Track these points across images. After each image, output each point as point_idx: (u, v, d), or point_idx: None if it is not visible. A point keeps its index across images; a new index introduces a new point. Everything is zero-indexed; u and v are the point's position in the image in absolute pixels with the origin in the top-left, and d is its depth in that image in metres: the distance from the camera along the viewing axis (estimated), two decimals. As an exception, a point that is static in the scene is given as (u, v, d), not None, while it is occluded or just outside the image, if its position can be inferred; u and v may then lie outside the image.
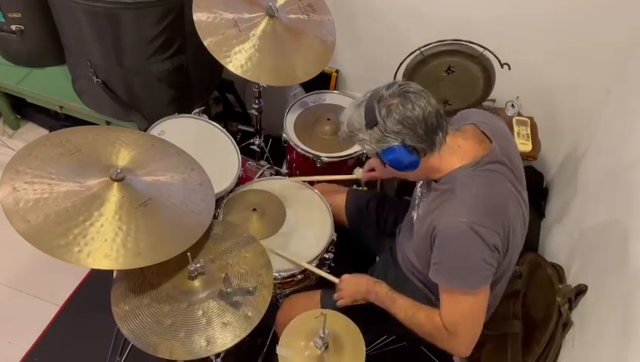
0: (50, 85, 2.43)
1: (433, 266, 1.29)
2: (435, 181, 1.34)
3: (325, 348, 1.31)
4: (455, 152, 1.29)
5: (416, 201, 1.46)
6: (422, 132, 1.22)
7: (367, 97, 1.27)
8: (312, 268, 1.63)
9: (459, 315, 1.29)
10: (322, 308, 1.55)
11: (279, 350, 1.33)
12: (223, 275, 1.42)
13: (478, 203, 1.24)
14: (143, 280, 1.41)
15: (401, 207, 1.74)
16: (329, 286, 1.62)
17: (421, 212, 1.39)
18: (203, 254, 1.46)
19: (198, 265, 1.39)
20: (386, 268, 1.61)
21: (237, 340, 1.31)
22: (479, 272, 1.24)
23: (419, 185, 1.49)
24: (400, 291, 1.43)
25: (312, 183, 1.90)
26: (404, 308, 1.38)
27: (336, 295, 1.51)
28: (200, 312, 1.35)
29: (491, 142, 1.32)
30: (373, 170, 1.76)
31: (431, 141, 1.24)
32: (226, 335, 1.31)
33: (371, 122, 1.24)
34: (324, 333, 1.29)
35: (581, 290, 1.58)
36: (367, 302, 1.46)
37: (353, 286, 1.48)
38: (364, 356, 1.34)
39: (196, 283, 1.40)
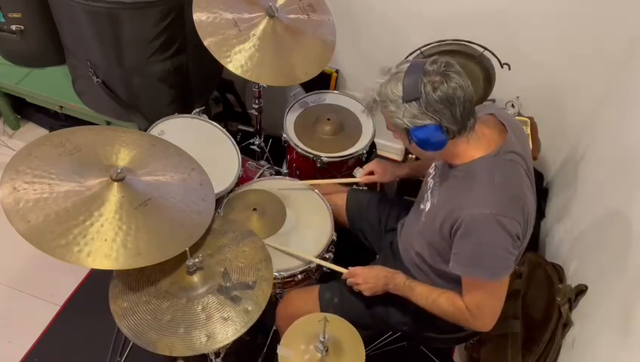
0: (50, 85, 2.43)
1: (454, 256, 1.30)
2: (452, 166, 1.34)
3: (325, 352, 1.32)
4: (481, 140, 1.30)
5: (428, 191, 1.46)
6: (459, 114, 1.21)
7: (404, 68, 1.23)
8: (320, 261, 1.65)
9: (482, 300, 1.32)
10: (320, 301, 1.57)
11: (280, 350, 1.33)
12: (222, 270, 1.42)
13: (501, 193, 1.24)
14: (141, 276, 1.41)
15: (402, 206, 1.74)
16: (326, 282, 1.64)
17: (436, 201, 1.39)
18: (201, 249, 1.46)
19: (197, 260, 1.39)
20: (386, 262, 1.61)
21: (237, 335, 1.31)
22: (503, 262, 1.25)
23: (430, 176, 1.49)
24: None
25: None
26: (424, 295, 1.41)
27: (349, 281, 1.52)
28: (199, 307, 1.35)
29: (507, 131, 1.33)
30: (372, 173, 1.76)
31: (464, 124, 1.24)
32: (226, 330, 1.31)
33: (411, 96, 1.19)
34: (324, 337, 1.30)
35: (581, 290, 1.58)
36: (385, 292, 1.48)
37: (373, 280, 1.49)
38: (364, 359, 1.34)
39: (195, 278, 1.39)
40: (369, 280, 1.49)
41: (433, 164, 1.50)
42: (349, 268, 1.55)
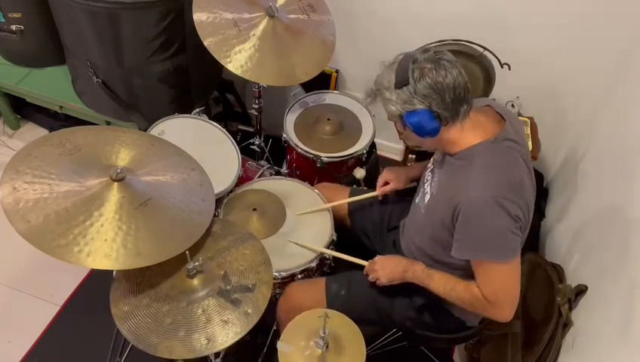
0: (50, 85, 2.43)
1: (457, 242, 1.31)
2: (451, 155, 1.35)
3: (325, 348, 1.32)
4: (477, 127, 1.31)
5: (426, 184, 1.46)
6: (449, 100, 1.24)
7: (399, 59, 1.29)
8: (337, 253, 1.65)
9: (495, 285, 1.31)
10: (327, 294, 1.56)
11: (280, 345, 1.33)
12: (222, 273, 1.42)
13: (500, 177, 1.26)
14: (142, 279, 1.41)
15: (403, 205, 1.74)
16: (333, 274, 1.64)
17: (435, 191, 1.40)
18: (201, 252, 1.46)
19: (197, 263, 1.39)
20: None
21: (237, 337, 1.31)
22: (507, 242, 1.25)
23: (428, 170, 1.50)
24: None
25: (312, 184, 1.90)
26: (442, 282, 1.40)
27: (370, 276, 1.52)
28: (200, 310, 1.35)
29: (504, 121, 1.35)
30: (386, 183, 1.73)
31: (456, 111, 1.26)
32: (226, 332, 1.31)
33: (402, 82, 1.25)
34: (324, 333, 1.30)
35: (581, 290, 1.58)
36: (403, 281, 1.48)
37: (391, 266, 1.49)
38: (365, 356, 1.34)
39: (195, 281, 1.39)
40: (386, 267, 1.49)
41: (431, 159, 1.51)
42: (369, 261, 1.55)
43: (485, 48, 1.90)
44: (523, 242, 1.36)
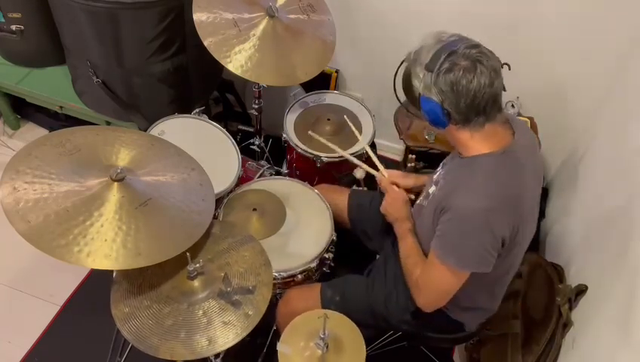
0: (50, 85, 2.42)
1: (435, 236, 1.32)
2: (460, 156, 1.35)
3: (326, 349, 1.32)
4: (490, 138, 1.28)
5: (432, 184, 1.47)
6: (463, 105, 1.22)
7: (448, 41, 1.24)
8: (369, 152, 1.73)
9: (432, 280, 1.34)
10: (322, 299, 1.57)
11: (280, 347, 1.33)
12: (223, 274, 1.42)
13: (498, 192, 1.25)
14: (143, 281, 1.41)
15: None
16: (328, 280, 1.64)
17: (437, 190, 1.40)
18: (202, 254, 1.46)
19: (198, 265, 1.39)
20: (386, 261, 1.62)
21: (238, 339, 1.31)
22: (476, 257, 1.26)
23: (435, 174, 1.50)
24: (401, 281, 1.49)
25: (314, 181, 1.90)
26: (407, 248, 1.46)
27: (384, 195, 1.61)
28: (200, 312, 1.35)
29: (514, 134, 1.33)
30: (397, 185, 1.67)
31: (467, 118, 1.24)
32: (227, 334, 1.31)
33: (430, 66, 1.23)
34: (324, 334, 1.30)
35: (581, 290, 1.58)
36: (389, 221, 1.57)
37: (394, 207, 1.56)
38: (365, 356, 1.34)
39: (196, 283, 1.40)
40: (393, 205, 1.56)
41: (440, 164, 1.51)
42: (391, 178, 1.63)
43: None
44: (515, 263, 1.38)
